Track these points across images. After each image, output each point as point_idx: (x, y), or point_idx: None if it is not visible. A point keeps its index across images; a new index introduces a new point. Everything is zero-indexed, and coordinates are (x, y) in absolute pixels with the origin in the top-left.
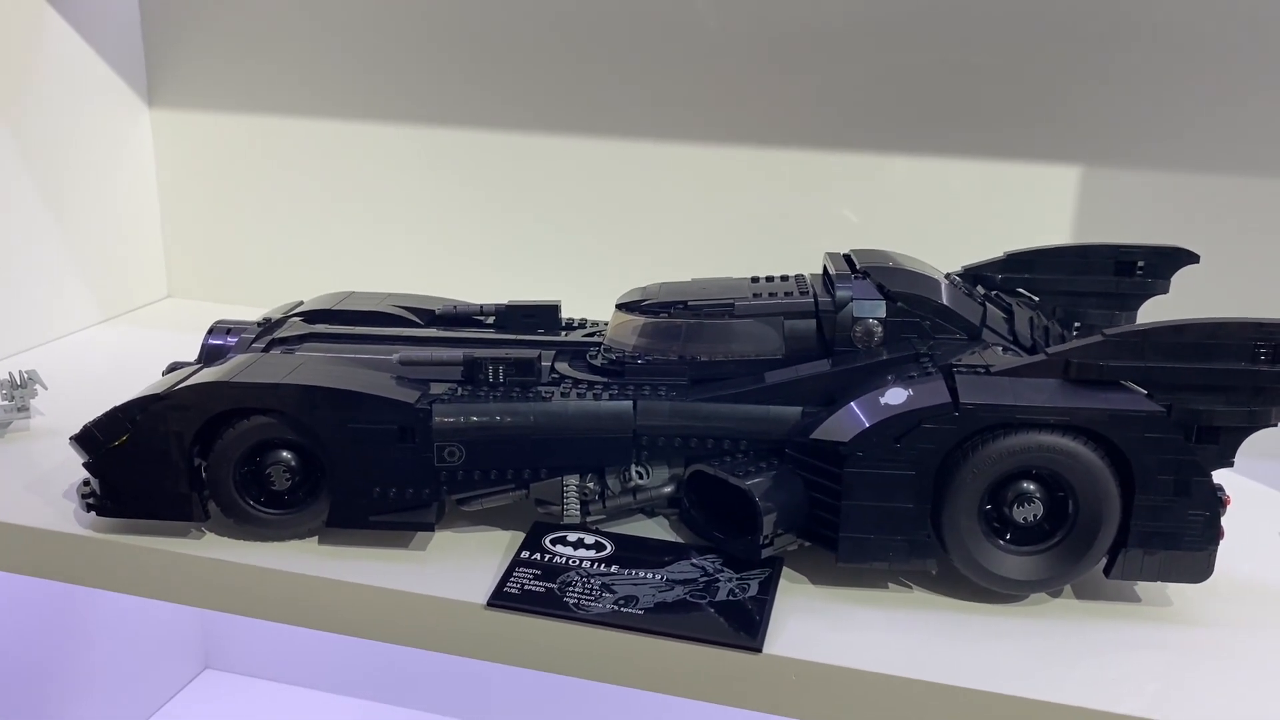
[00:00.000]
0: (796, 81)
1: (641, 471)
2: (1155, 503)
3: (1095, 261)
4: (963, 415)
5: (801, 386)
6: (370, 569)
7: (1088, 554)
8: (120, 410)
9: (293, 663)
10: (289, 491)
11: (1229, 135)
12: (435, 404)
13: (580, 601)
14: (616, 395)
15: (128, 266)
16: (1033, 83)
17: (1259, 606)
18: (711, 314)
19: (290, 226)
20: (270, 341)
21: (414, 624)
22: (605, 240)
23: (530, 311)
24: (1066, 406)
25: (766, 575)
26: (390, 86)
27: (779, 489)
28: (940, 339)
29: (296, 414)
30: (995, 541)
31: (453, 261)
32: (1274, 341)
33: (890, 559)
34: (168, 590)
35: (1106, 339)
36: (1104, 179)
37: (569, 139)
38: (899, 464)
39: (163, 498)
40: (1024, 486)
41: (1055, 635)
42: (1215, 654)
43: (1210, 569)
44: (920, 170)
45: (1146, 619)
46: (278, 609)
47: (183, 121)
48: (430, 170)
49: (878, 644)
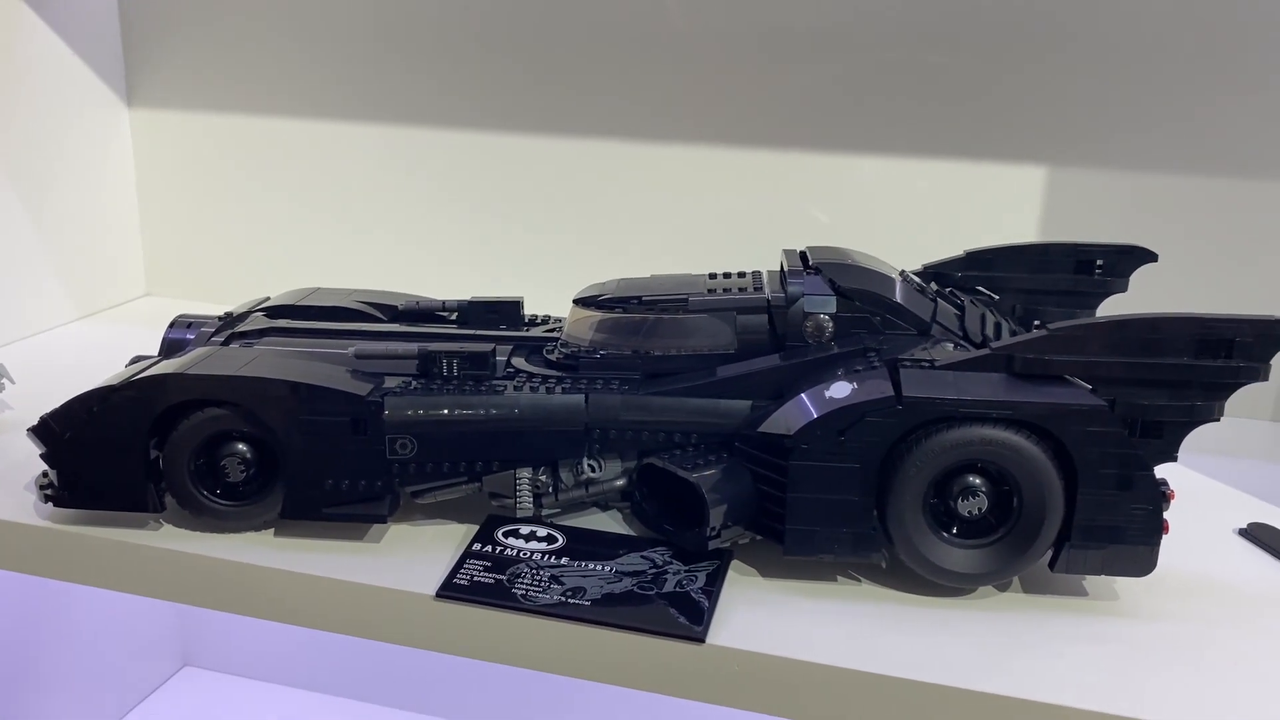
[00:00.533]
0: (766, 82)
1: (594, 465)
2: (1098, 497)
3: (1054, 260)
4: (905, 409)
5: (751, 380)
6: (323, 560)
7: (1031, 548)
8: (77, 401)
9: (272, 660)
10: (244, 483)
11: (1186, 137)
12: (387, 396)
13: (528, 593)
14: (569, 389)
15: (106, 264)
16: (999, 85)
17: (1204, 602)
18: (665, 309)
19: (268, 225)
20: (230, 335)
21: (364, 615)
22: (576, 238)
23: (493, 307)
24: (1009, 400)
25: (715, 567)
26: (365, 88)
27: (727, 482)
28: (890, 335)
29: (250, 406)
30: (940, 534)
31: (428, 259)
32: (1215, 336)
33: (836, 551)
34: (123, 581)
35: (1050, 334)
36: (1068, 179)
37: (540, 139)
38: (843, 457)
39: (119, 489)
40: (969, 480)
41: (999, 628)
42: (1157, 648)
43: (1153, 563)
44: (888, 170)
45: (1091, 613)
46: (232, 600)
47: (161, 121)
48: (406, 170)
49: (822, 635)
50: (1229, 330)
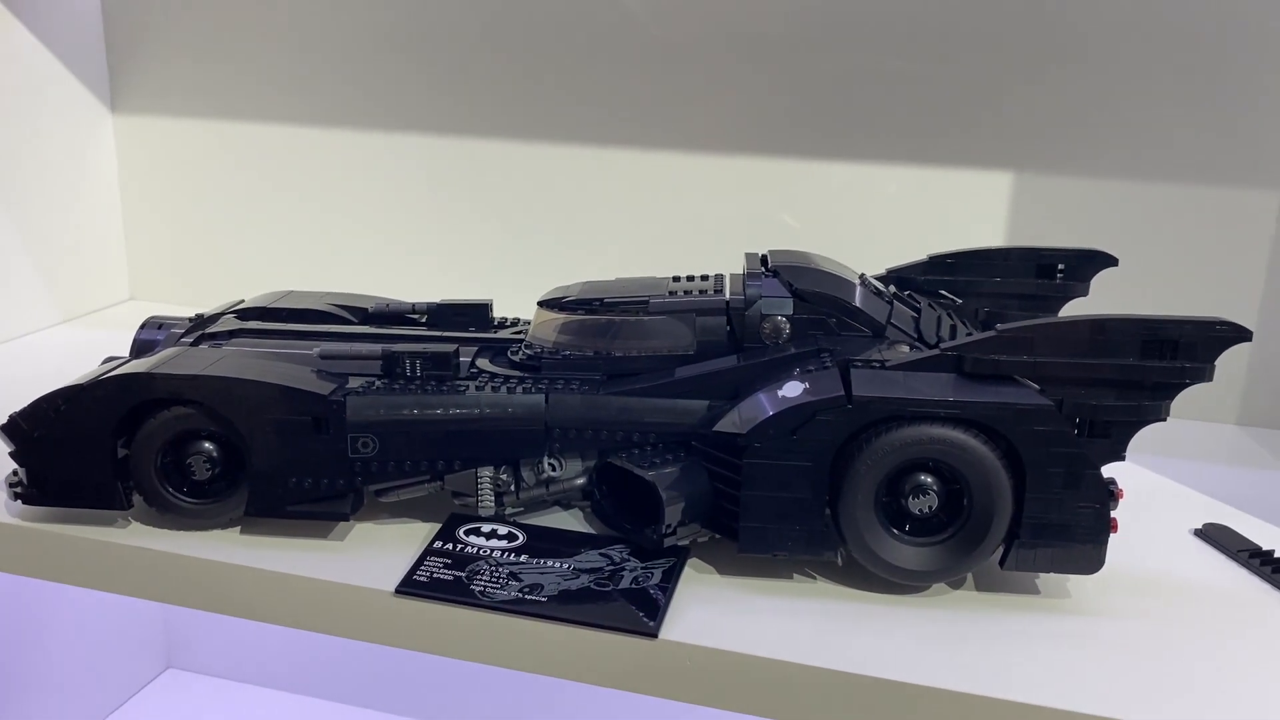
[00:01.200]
0: (737, 89)
1: (554, 464)
2: (1046, 495)
3: (1016, 264)
4: (856, 408)
5: (709, 381)
6: (287, 557)
7: (981, 545)
8: (45, 400)
9: (256, 663)
10: (210, 481)
11: (1147, 144)
12: (350, 396)
13: (486, 589)
14: (530, 389)
15: (90, 269)
16: (966, 92)
17: (1156, 600)
18: (626, 311)
19: (251, 230)
20: (200, 336)
21: (326, 611)
22: (550, 243)
23: (461, 310)
24: (957, 400)
25: (671, 564)
26: (345, 95)
27: (684, 480)
28: (846, 336)
29: (215, 405)
30: (891, 532)
31: (409, 264)
32: (1160, 337)
33: (790, 548)
34: (91, 578)
35: (998, 334)
36: (1033, 184)
37: (515, 144)
38: (796, 455)
39: (87, 487)
40: (920, 479)
41: (950, 624)
42: (1105, 644)
43: (1101, 561)
44: (857, 176)
45: (1042, 610)
46: (197, 596)
47: (145, 127)
48: (386, 175)
49: (776, 631)
50: (1174, 331)
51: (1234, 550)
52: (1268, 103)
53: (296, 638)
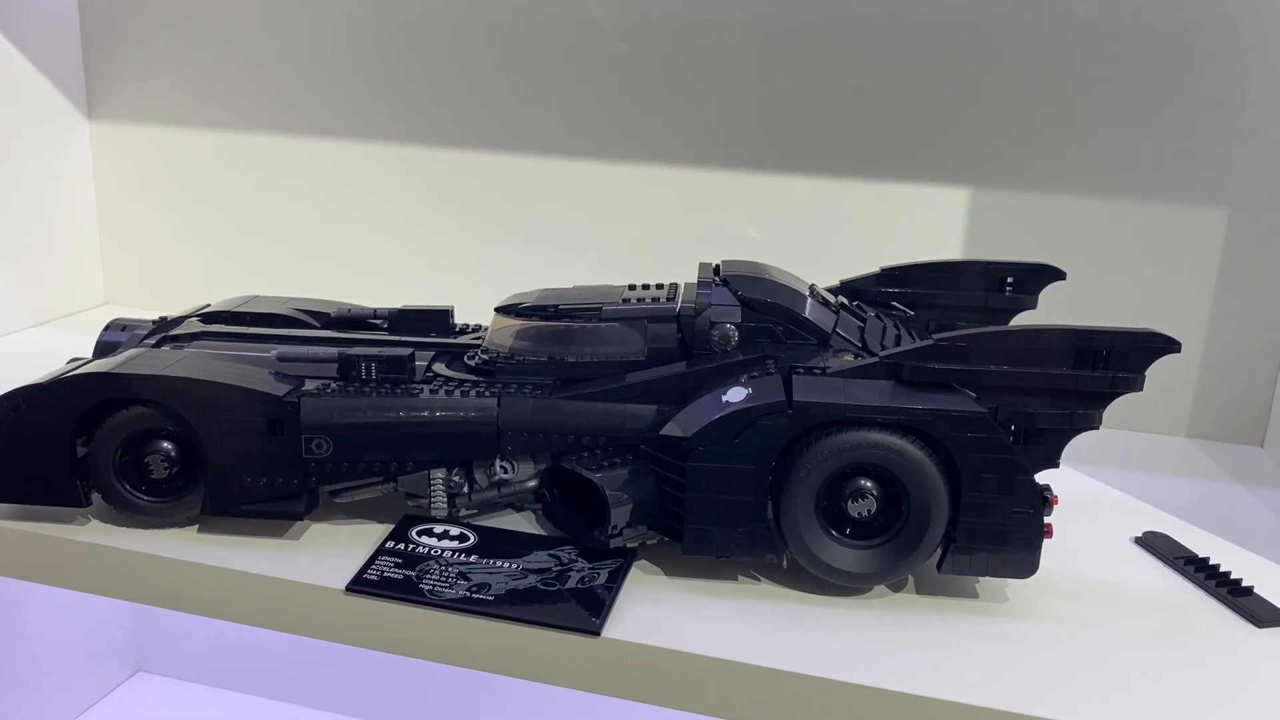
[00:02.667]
0: (702, 104)
1: (506, 466)
2: (981, 500)
3: (966, 277)
4: (796, 412)
5: (658, 386)
6: (242, 556)
7: (918, 549)
8: (5, 398)
9: (226, 667)
10: (167, 480)
11: (1097, 161)
12: (304, 398)
13: (434, 588)
14: (483, 393)
15: (64, 273)
16: (924, 110)
17: (1091, 605)
18: (580, 317)
19: (226, 237)
20: (162, 339)
21: (278, 608)
22: (516, 252)
23: (423, 315)
24: (894, 406)
25: (618, 565)
26: (317, 105)
27: (632, 483)
28: (792, 344)
29: (172, 405)
30: (831, 535)
31: (378, 271)
32: (1092, 347)
33: (732, 550)
34: (49, 575)
35: (936, 343)
36: (987, 199)
37: (483, 155)
38: (738, 459)
39: (46, 484)
40: (859, 483)
41: (889, 626)
42: (1039, 646)
43: (1035, 566)
44: (818, 190)
45: (979, 613)
46: (153, 593)
47: (121, 134)
48: (357, 184)
49: (717, 631)
50: (1105, 342)
51: (1172, 558)
52: (1215, 120)
53: (266, 642)
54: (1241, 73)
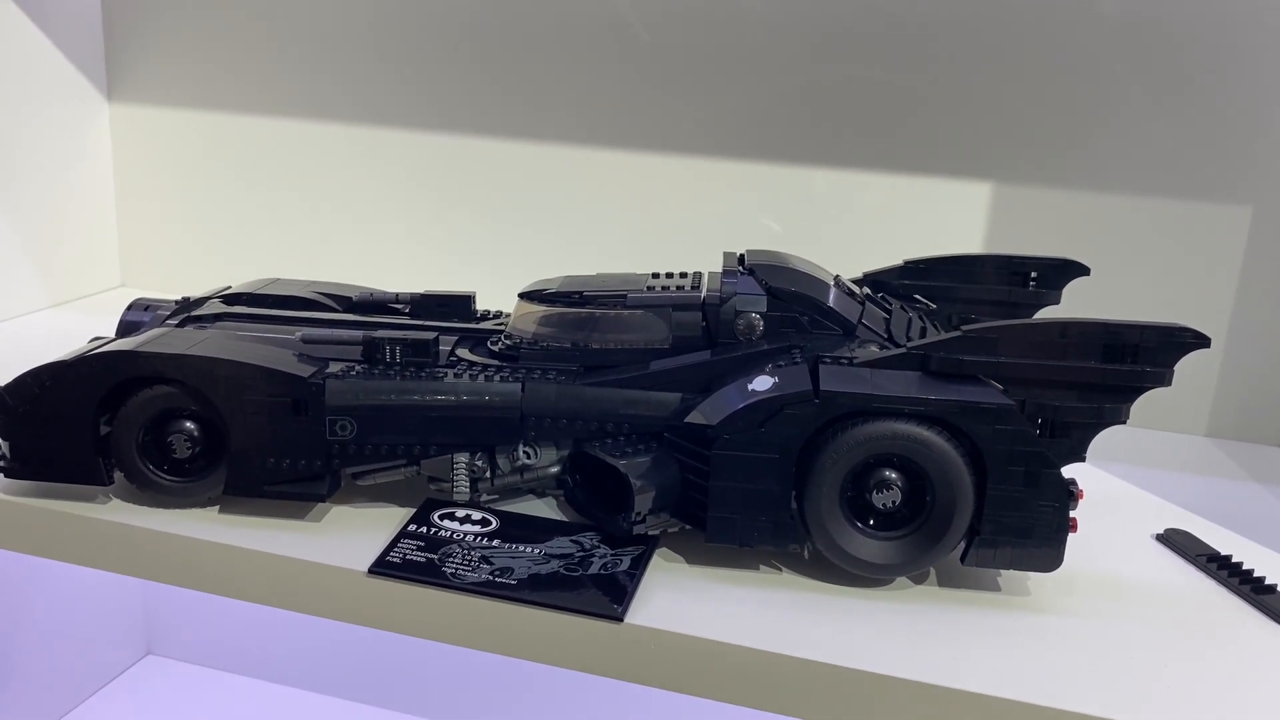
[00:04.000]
0: (724, 94)
1: (529, 451)
2: (1006, 493)
3: (990, 271)
4: (822, 402)
5: (683, 374)
6: (263, 537)
7: (942, 541)
8: (30, 375)
9: (236, 651)
10: (190, 460)
11: (1123, 156)
12: (329, 379)
13: (457, 571)
14: (507, 378)
15: (82, 255)
16: (947, 103)
17: (1113, 600)
18: (604, 304)
19: (243, 220)
20: (185, 319)
21: (299, 590)
22: (536, 239)
23: (444, 301)
24: (922, 397)
25: (640, 552)
26: (339, 88)
27: (655, 470)
28: (818, 334)
29: (196, 384)
30: (855, 525)
31: (397, 255)
32: (1121, 341)
33: (756, 539)
34: (70, 552)
35: (964, 335)
36: (1011, 194)
37: (505, 142)
38: (763, 447)
39: (69, 462)
40: (884, 474)
41: (911, 617)
42: (1060, 640)
43: (1059, 559)
44: (839, 182)
45: (1002, 606)
46: (173, 572)
47: (141, 116)
48: (377, 169)
49: (738, 619)
50: (1134, 336)
51: (1193, 555)
52: (1241, 116)
53: (276, 626)
54: (1267, 69)
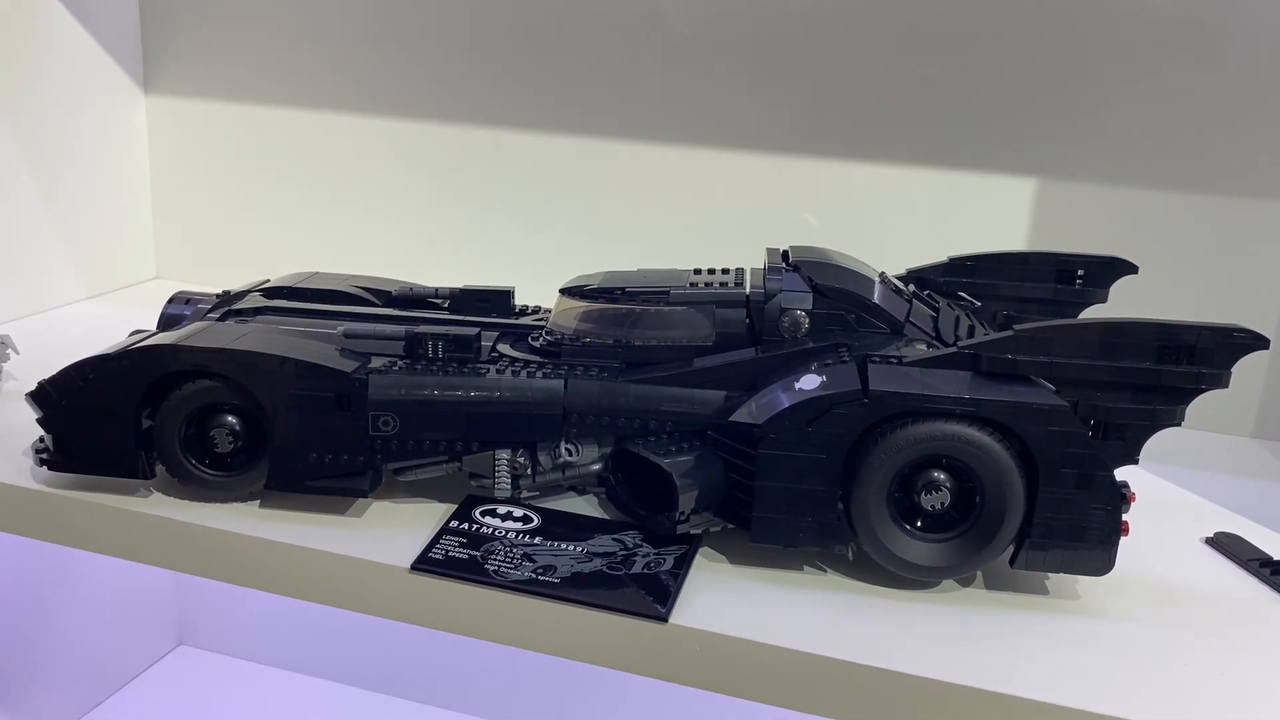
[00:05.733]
0: (763, 88)
1: (571, 449)
2: (1058, 495)
3: (1036, 269)
4: (871, 401)
5: (727, 371)
6: (305, 531)
7: (992, 543)
8: (74, 368)
9: (268, 642)
10: (231, 454)
11: (1171, 152)
12: (372, 374)
13: (500, 569)
14: (550, 374)
15: (118, 247)
16: (991, 97)
17: (1163, 604)
18: (647, 300)
19: (278, 213)
20: (226, 312)
21: (341, 585)
22: (572, 235)
23: (483, 296)
24: (972, 397)
25: (683, 551)
26: (374, 83)
27: (699, 468)
28: (864, 332)
29: (239, 378)
30: (902, 526)
31: (431, 250)
32: (1177, 342)
33: (801, 540)
34: (112, 545)
35: (1016, 334)
36: (1056, 191)
37: (542, 138)
38: (810, 447)
39: (111, 455)
40: (933, 475)
41: (958, 620)
42: (1111, 645)
43: (1111, 563)
44: (880, 177)
45: (1050, 610)
46: (214, 566)
47: (177, 109)
48: (412, 164)
49: (783, 620)
50: (1191, 336)
51: (1245, 559)
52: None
53: (307, 619)
54: None
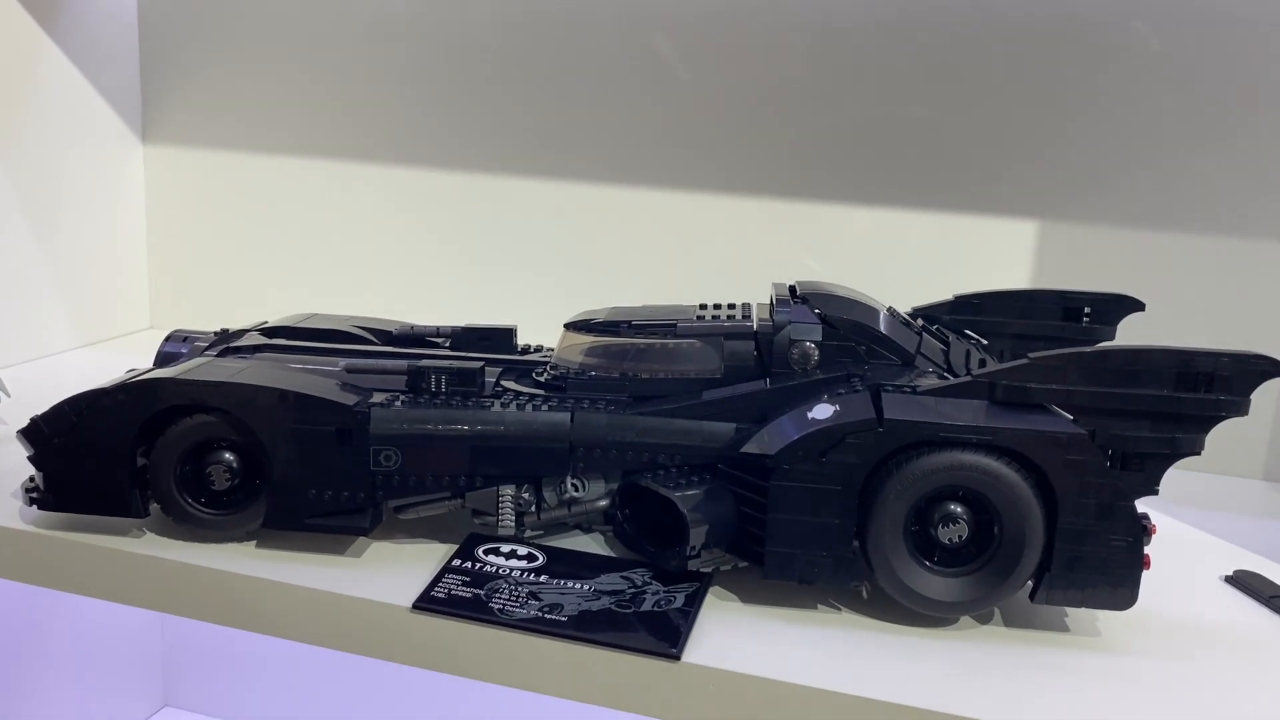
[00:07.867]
0: (763, 132)
1: (577, 484)
2: (1077, 527)
3: (1042, 306)
4: (886, 431)
5: (737, 404)
6: (303, 571)
7: (1011, 577)
8: (67, 403)
9: (254, 703)
10: (228, 492)
11: (1173, 193)
12: (374, 408)
13: (505, 607)
14: (555, 407)
15: (112, 295)
16: (990, 140)
17: (1183, 642)
18: (654, 334)
19: (274, 264)
20: (224, 350)
21: (341, 626)
22: (574, 279)
23: (485, 334)
24: (989, 426)
25: (694, 589)
26: (372, 131)
27: (710, 502)
28: (875, 364)
29: (238, 413)
30: (919, 560)
31: (430, 297)
32: (1195, 370)
33: (815, 575)
34: (103, 587)
35: (1032, 362)
36: (1057, 232)
37: (541, 182)
38: (824, 479)
39: (104, 493)
40: (949, 507)
41: (974, 656)
42: (1131, 682)
43: (1134, 597)
44: (881, 221)
45: (1071, 646)
46: (209, 608)
47: (174, 158)
48: (409, 210)
49: (797, 658)
50: (1209, 364)
51: (1266, 596)
52: None
53: (297, 678)
54: None
